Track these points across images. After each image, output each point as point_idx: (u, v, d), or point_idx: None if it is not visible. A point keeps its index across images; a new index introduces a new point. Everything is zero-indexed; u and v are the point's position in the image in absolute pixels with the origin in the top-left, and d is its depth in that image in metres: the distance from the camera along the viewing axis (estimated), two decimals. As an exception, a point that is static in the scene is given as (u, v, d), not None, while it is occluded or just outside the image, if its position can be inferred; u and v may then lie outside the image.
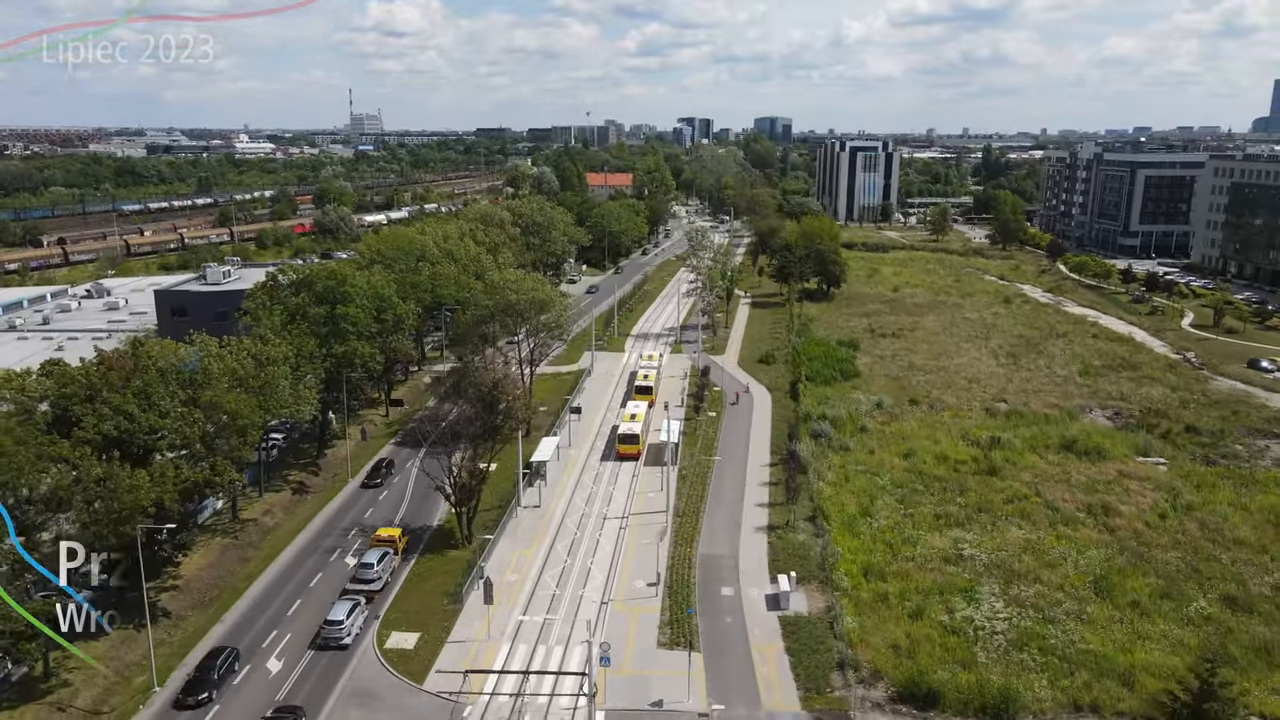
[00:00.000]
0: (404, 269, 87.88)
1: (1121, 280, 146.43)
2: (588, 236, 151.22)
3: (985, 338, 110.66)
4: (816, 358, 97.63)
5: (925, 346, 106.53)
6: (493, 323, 73.90)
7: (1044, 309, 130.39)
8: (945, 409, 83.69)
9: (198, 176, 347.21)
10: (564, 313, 75.86)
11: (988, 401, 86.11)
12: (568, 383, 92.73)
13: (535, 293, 72.27)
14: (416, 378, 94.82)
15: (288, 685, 42.23)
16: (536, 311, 72.75)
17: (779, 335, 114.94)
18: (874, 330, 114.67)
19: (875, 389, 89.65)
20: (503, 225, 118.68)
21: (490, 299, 72.90)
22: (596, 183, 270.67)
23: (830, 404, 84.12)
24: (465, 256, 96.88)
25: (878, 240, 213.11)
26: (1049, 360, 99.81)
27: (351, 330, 65.53)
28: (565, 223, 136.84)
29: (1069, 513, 60.47)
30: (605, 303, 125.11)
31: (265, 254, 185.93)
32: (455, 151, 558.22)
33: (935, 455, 71.45)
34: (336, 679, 42.79)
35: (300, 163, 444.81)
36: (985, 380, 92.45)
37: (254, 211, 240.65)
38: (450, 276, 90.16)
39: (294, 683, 42.47)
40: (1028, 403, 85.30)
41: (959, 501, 62.72)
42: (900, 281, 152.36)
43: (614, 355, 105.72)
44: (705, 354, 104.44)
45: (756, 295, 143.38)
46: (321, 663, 44.15)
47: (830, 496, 62.92)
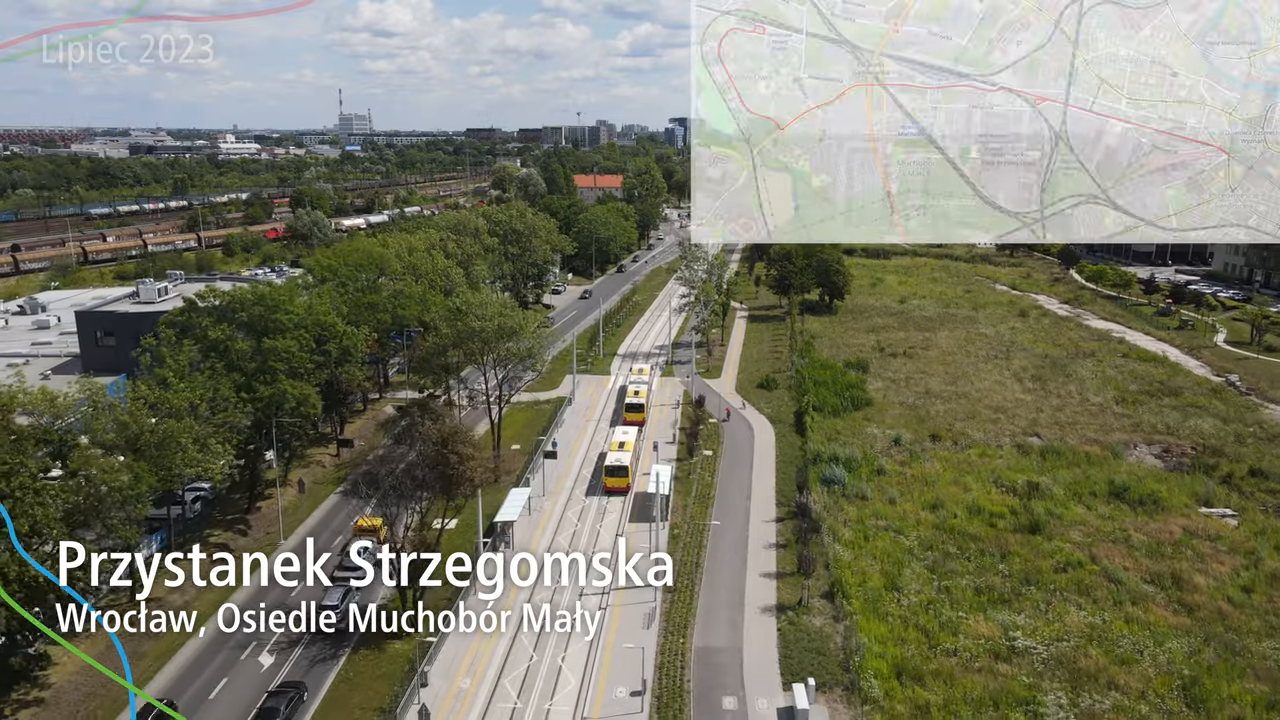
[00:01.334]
0: (360, 287, 77.78)
1: (1144, 291, 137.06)
2: (572, 245, 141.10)
3: (1005, 357, 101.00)
4: (823, 383, 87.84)
5: (941, 368, 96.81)
6: (456, 351, 63.87)
7: (1064, 323, 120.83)
8: (971, 445, 73.97)
9: (173, 178, 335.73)
10: (537, 340, 65.80)
11: (1018, 436, 76.44)
12: (546, 413, 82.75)
13: (503, 318, 62.33)
14: (378, 407, 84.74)
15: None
16: (504, 340, 62.76)
17: (779, 354, 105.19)
18: (883, 349, 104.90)
19: (890, 420, 79.91)
20: (478, 234, 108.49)
21: (450, 326, 62.94)
22: (585, 185, 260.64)
23: (841, 440, 74.38)
24: (432, 271, 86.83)
25: (878, 245, 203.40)
26: (1080, 385, 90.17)
27: (282, 368, 55.43)
28: (548, 230, 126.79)
29: (1135, 586, 50.74)
30: (590, 317, 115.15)
31: (232, 262, 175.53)
32: (444, 152, 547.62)
33: (966, 506, 61.80)
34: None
35: (283, 164, 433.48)
36: (1012, 409, 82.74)
37: (226, 215, 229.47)
38: (414, 295, 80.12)
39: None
40: (1063, 437, 75.65)
41: (1001, 570, 52.98)
42: (907, 292, 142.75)
43: (598, 379, 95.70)
44: (699, 377, 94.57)
45: (754, 308, 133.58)
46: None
47: (849, 563, 53.12)
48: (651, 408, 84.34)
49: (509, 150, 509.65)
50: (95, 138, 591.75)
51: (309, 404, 56.85)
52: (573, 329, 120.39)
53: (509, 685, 42.66)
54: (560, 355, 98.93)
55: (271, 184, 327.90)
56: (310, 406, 57.09)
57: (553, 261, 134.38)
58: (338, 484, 66.52)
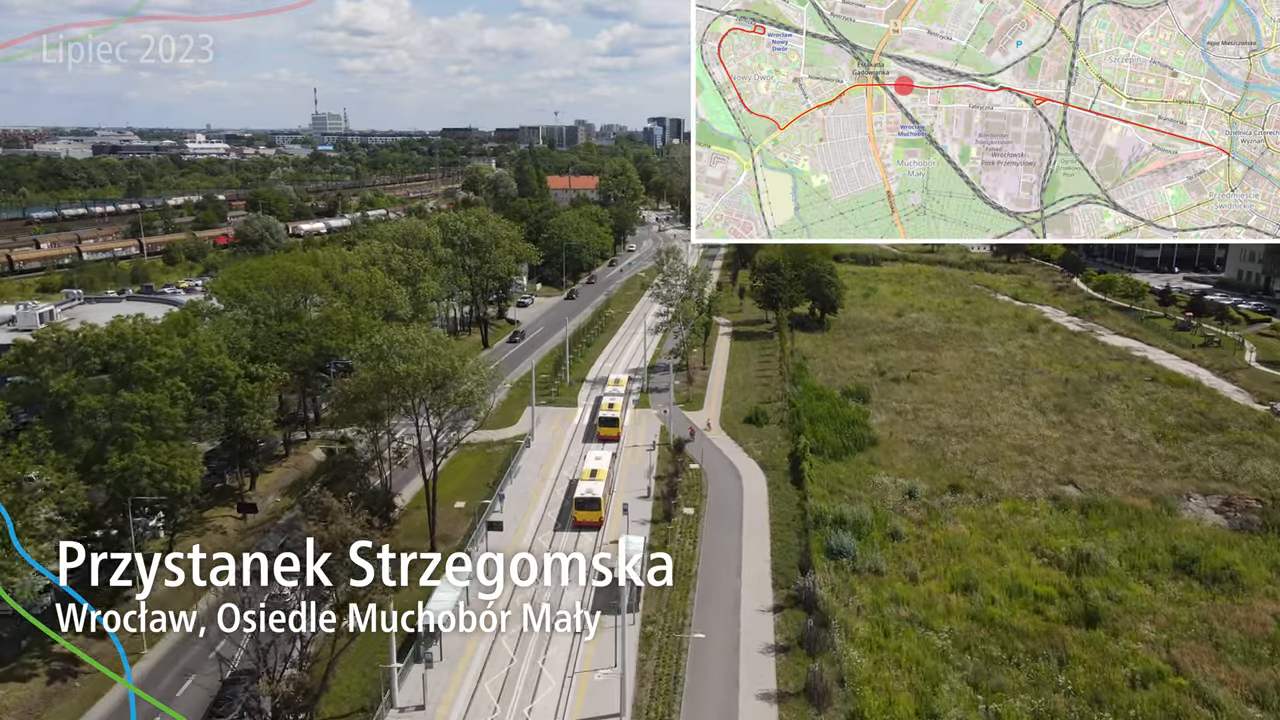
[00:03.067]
0: (274, 313, 65.60)
1: (1159, 302, 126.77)
2: (539, 255, 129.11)
3: (1021, 382, 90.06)
4: (820, 418, 76.48)
5: (950, 396, 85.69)
6: (381, 395, 51.88)
7: (1078, 340, 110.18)
8: (998, 498, 62.83)
9: (128, 179, 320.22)
10: (479, 382, 53.83)
11: (1051, 484, 65.41)
12: (499, 458, 70.84)
13: (433, 359, 50.40)
14: (305, 449, 72.52)
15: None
16: (437, 384, 50.84)
17: (768, 378, 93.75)
18: (883, 372, 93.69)
19: (900, 464, 68.72)
20: (429, 246, 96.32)
21: (370, 368, 51.01)
22: (560, 186, 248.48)
23: (846, 491, 63.16)
24: (367, 291, 74.68)
25: (868, 250, 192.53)
26: (1110, 416, 79.28)
27: (141, 430, 43.22)
28: (512, 238, 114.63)
29: (1238, 712, 39.59)
30: (554, 338, 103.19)
31: (173, 272, 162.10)
32: (419, 152, 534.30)
33: (1003, 583, 50.59)
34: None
35: (249, 164, 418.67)
36: (1039, 450, 71.66)
37: (174, 220, 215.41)
38: (344, 321, 68.03)
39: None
40: (1104, 486, 64.69)
41: (1062, 684, 41.72)
42: (903, 303, 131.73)
43: (563, 413, 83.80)
44: (678, 408, 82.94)
45: (738, 323, 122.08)
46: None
47: (868, 677, 41.69)
48: (623, 446, 72.73)
49: (485, 150, 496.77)
50: (59, 138, 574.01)
51: (177, 476, 44.54)
52: (541, 346, 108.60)
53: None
54: (524, 379, 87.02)
55: (235, 185, 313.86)
56: (179, 479, 44.78)
57: (518, 272, 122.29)
58: (235, 555, 54.54)
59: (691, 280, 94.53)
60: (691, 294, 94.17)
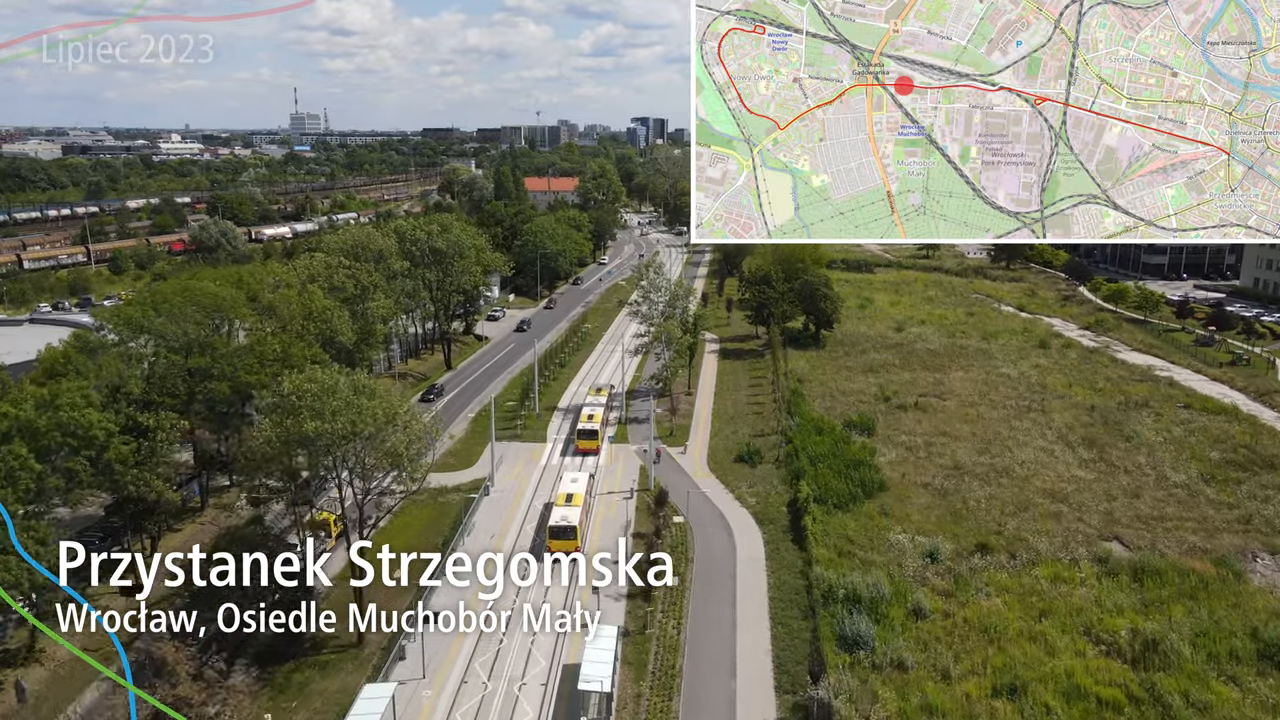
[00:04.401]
0: (184, 344, 55.57)
1: (1175, 314, 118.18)
2: (508, 265, 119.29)
3: (1042, 410, 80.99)
4: (821, 456, 67.16)
5: (965, 427, 76.49)
6: (288, 457, 41.99)
7: (1094, 357, 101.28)
8: (1035, 560, 53.62)
9: (90, 181, 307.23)
10: (412, 439, 43.89)
11: (1093, 540, 56.28)
12: (452, 510, 60.99)
13: (354, 414, 40.57)
14: (226, 500, 62.31)
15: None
16: (357, 443, 41.02)
17: (761, 405, 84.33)
18: (888, 397, 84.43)
19: (916, 515, 59.47)
20: (382, 259, 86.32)
21: (277, 425, 41.09)
22: (539, 188, 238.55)
23: (856, 552, 53.88)
24: (301, 315, 64.74)
25: (859, 256, 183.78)
26: (1148, 452, 70.26)
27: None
28: (479, 247, 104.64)
29: None
30: (525, 356, 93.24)
31: (119, 282, 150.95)
32: (398, 153, 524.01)
33: (1057, 683, 41.34)
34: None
35: (220, 165, 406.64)
36: (1074, 496, 62.54)
37: (128, 225, 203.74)
38: (268, 351, 58.14)
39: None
40: (1155, 543, 55.64)
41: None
42: (902, 316, 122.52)
43: (530, 450, 73.92)
44: (659, 442, 73.41)
45: (726, 339, 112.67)
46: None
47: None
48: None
49: (465, 151, 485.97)
50: (30, 138, 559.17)
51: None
52: (511, 367, 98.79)
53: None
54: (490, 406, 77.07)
55: (203, 186, 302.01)
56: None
57: (486, 284, 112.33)
58: (134, 647, 44.56)
59: (674, 296, 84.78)
60: (675, 311, 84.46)
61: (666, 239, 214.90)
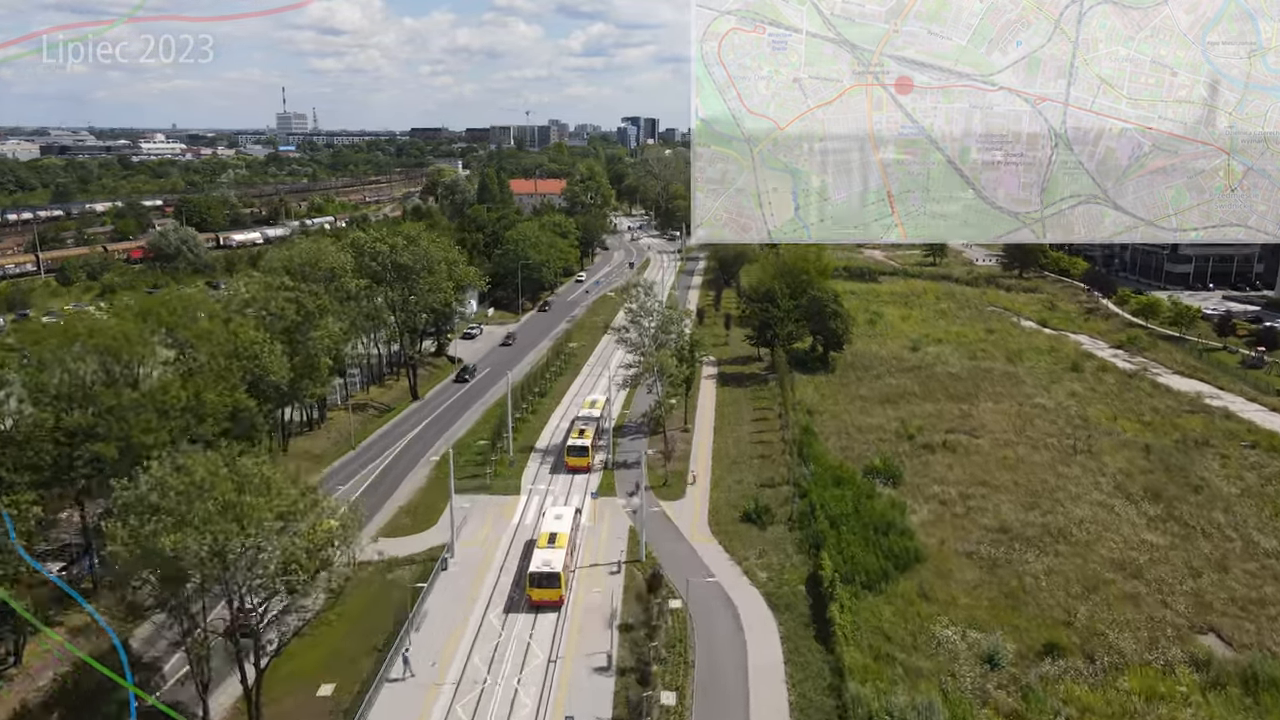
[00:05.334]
0: (60, 394, 44.69)
1: (1216, 332, 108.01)
2: (483, 279, 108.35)
3: (1089, 450, 70.64)
4: (843, 518, 56.62)
5: (1006, 475, 65.99)
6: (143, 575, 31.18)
7: (1134, 382, 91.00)
8: (1120, 664, 43.15)
9: (56, 183, 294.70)
10: (314, 546, 33.10)
11: (1184, 632, 45.91)
12: (398, 596, 50.00)
13: (229, 522, 29.66)
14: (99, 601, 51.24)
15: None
16: (230, 562, 30.17)
17: (768, 445, 73.67)
18: (911, 435, 73.96)
19: (962, 598, 49.05)
20: (335, 278, 75.42)
21: (131, 538, 30.10)
22: (525, 191, 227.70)
23: (897, 658, 43.31)
24: (224, 351, 53.88)
25: (861, 263, 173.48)
26: (1225, 510, 59.91)
27: None
28: (451, 260, 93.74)
29: None
30: (501, 383, 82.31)
31: (67, 294, 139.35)
32: (385, 153, 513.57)
33: None
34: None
35: (199, 166, 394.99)
36: (1150, 569, 52.09)
37: (86, 231, 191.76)
38: (174, 400, 47.34)
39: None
40: (1259, 636, 45.33)
41: None
42: (916, 333, 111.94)
43: (500, 504, 63.03)
44: (653, 497, 62.82)
45: (724, 361, 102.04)
46: None
47: None
48: (574, 587, 52.51)
49: (452, 151, 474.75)
50: (9, 138, 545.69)
51: None
52: (484, 396, 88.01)
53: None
54: (462, 442, 66.23)
55: (179, 188, 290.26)
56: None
57: (460, 300, 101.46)
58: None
59: (667, 320, 73.98)
60: (670, 337, 73.68)
61: (658, 244, 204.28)
